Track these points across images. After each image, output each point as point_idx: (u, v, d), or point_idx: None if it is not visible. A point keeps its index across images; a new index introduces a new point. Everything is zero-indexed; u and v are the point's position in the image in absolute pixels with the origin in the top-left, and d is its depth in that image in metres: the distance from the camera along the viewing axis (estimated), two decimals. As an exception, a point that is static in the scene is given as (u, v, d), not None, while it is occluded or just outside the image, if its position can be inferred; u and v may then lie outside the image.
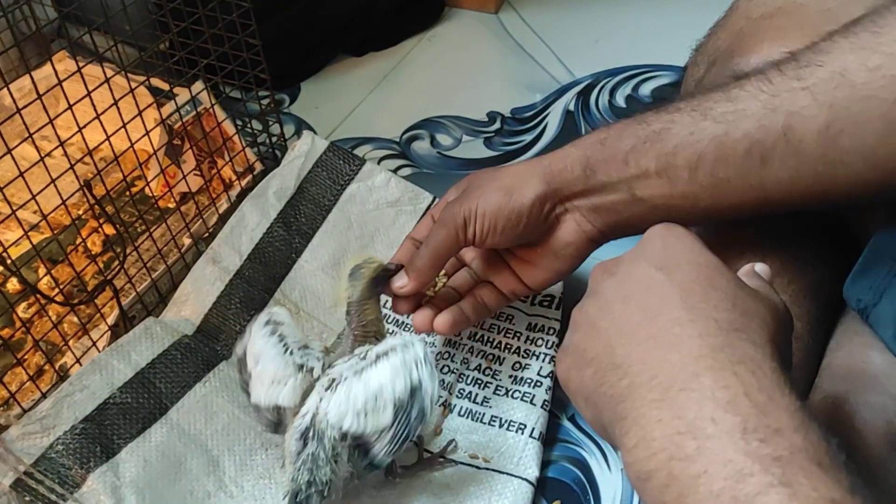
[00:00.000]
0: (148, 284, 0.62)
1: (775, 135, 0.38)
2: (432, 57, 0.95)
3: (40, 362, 0.59)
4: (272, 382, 0.47)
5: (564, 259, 0.48)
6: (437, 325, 0.49)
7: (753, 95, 0.39)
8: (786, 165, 0.38)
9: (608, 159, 0.44)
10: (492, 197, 0.46)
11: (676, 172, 0.41)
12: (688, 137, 0.41)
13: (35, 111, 0.50)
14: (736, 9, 0.56)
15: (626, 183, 0.43)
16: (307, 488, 0.44)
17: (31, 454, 0.49)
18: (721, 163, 0.40)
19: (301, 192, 0.67)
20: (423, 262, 0.48)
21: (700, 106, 0.41)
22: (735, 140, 0.39)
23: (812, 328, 0.48)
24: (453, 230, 0.47)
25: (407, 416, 0.44)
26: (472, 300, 0.51)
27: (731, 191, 0.41)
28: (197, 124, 0.68)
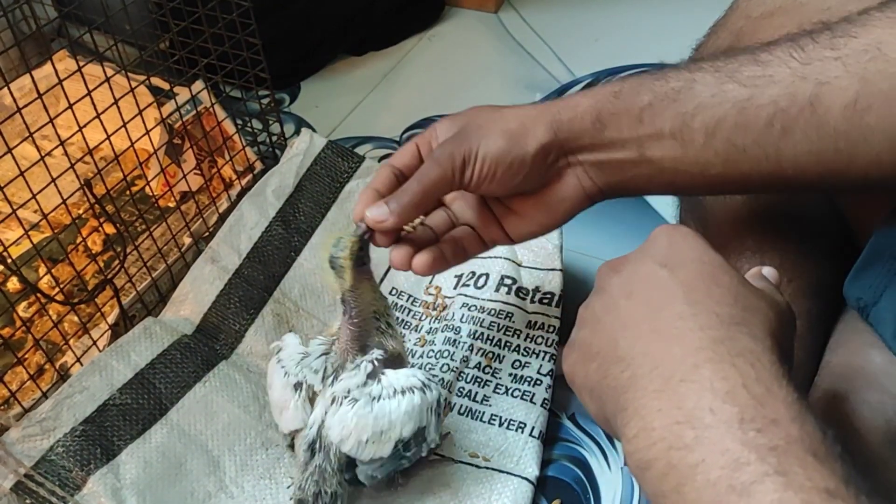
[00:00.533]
0: (148, 284, 0.62)
1: (801, 104, 0.36)
2: (432, 56, 0.95)
3: (41, 361, 0.59)
4: (279, 410, 0.48)
5: (555, 214, 0.45)
6: (416, 264, 0.45)
7: (783, 61, 0.37)
8: (807, 138, 0.37)
9: (621, 114, 0.41)
10: (494, 141, 0.42)
11: (692, 136, 0.39)
12: (709, 99, 0.39)
13: (35, 111, 0.51)
14: (736, 8, 0.56)
15: (637, 142, 0.41)
16: (314, 500, 0.46)
17: (32, 456, 0.49)
18: (741, 129, 0.38)
19: (300, 190, 0.67)
20: (410, 198, 0.43)
21: (725, 67, 0.39)
22: (759, 106, 0.37)
23: (812, 327, 0.48)
24: (449, 171, 0.43)
25: (405, 449, 0.46)
26: (452, 243, 0.47)
27: (744, 160, 0.39)
28: (197, 123, 0.68)
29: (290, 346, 0.49)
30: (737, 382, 0.28)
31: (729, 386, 0.28)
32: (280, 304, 0.62)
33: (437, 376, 0.58)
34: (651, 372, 0.30)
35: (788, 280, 0.48)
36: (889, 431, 0.42)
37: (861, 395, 0.43)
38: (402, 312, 0.63)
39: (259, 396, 0.55)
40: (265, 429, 0.54)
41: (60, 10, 0.74)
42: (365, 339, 0.47)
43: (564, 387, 0.59)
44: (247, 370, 0.58)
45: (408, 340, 0.61)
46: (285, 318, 0.62)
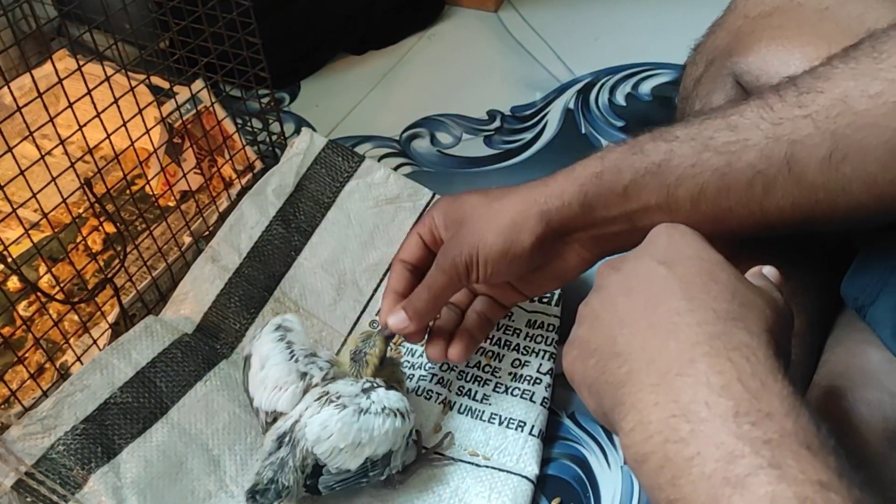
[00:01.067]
0: (148, 283, 0.62)
1: (778, 164, 0.38)
2: (432, 55, 0.95)
3: (41, 360, 0.59)
4: (274, 388, 0.48)
5: (564, 278, 0.49)
6: (452, 355, 0.51)
7: (755, 124, 0.39)
8: (788, 194, 0.39)
9: (607, 194, 0.43)
10: (491, 242, 0.46)
11: (678, 204, 0.41)
12: (689, 170, 0.41)
13: (35, 110, 0.50)
14: (734, 8, 0.56)
15: (627, 215, 0.44)
16: (267, 483, 0.46)
17: (33, 455, 0.49)
18: (723, 194, 0.40)
19: (300, 189, 0.67)
20: (423, 305, 0.48)
21: (700, 135, 0.41)
22: (738, 171, 0.39)
23: (810, 325, 0.48)
24: (455, 277, 0.47)
25: (371, 468, 0.47)
26: (476, 319, 0.52)
27: (732, 219, 0.41)
28: (197, 123, 0.68)
29: (299, 332, 0.50)
30: (732, 376, 0.28)
31: (724, 380, 0.28)
32: (280, 304, 0.62)
33: (437, 375, 0.58)
34: (648, 366, 0.30)
35: (787, 279, 0.48)
36: (887, 429, 0.42)
37: (859, 394, 0.44)
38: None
39: (259, 395, 0.55)
40: (263, 431, 0.54)
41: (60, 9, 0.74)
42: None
43: (564, 385, 0.59)
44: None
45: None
46: (285, 317, 0.62)
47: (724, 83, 0.53)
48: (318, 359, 0.49)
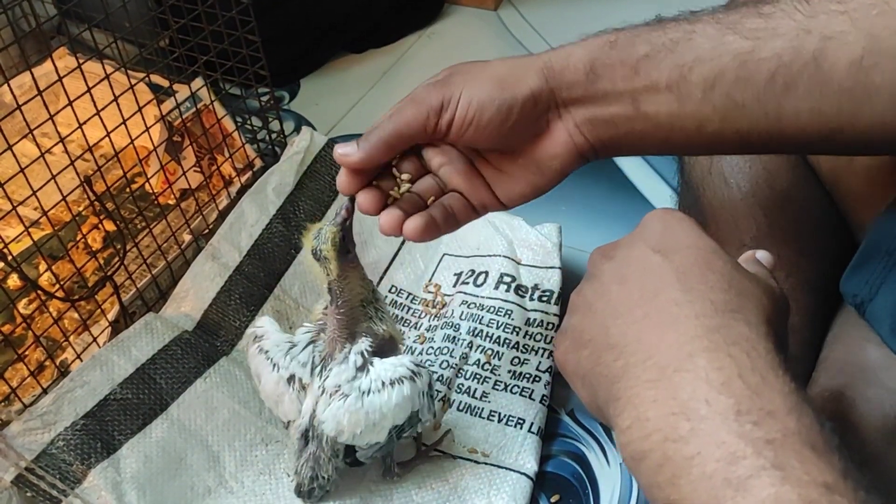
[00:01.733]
0: (148, 280, 0.62)
1: (805, 59, 0.35)
2: (432, 54, 0.95)
3: (41, 358, 0.59)
4: (275, 403, 0.49)
5: (546, 173, 0.42)
6: (407, 229, 0.41)
7: (788, 14, 0.35)
8: (809, 95, 0.35)
9: (616, 65, 0.39)
10: (480, 85, 0.39)
11: (689, 89, 0.37)
12: (709, 51, 0.37)
13: (35, 108, 0.51)
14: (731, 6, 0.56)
15: (632, 94, 0.39)
16: (310, 482, 0.47)
17: (33, 450, 0.49)
18: (741, 84, 0.36)
19: (300, 187, 0.67)
20: (379, 135, 0.40)
21: (726, 18, 0.37)
22: (761, 59, 0.35)
23: (809, 322, 0.48)
24: (424, 111, 0.40)
25: (401, 432, 0.47)
26: (442, 209, 0.43)
27: (743, 117, 0.37)
28: (197, 121, 0.68)
29: (271, 333, 0.49)
30: (732, 373, 0.27)
31: (724, 376, 0.27)
32: (280, 301, 0.62)
33: (437, 373, 0.58)
34: (645, 361, 0.29)
35: (786, 275, 0.48)
36: (886, 426, 0.42)
37: (858, 390, 0.44)
38: (401, 310, 0.63)
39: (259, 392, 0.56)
40: (265, 425, 0.54)
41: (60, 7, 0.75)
42: (353, 326, 0.47)
43: (564, 383, 0.59)
44: (247, 367, 0.58)
45: (407, 338, 0.61)
46: (285, 314, 0.62)
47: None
48: (297, 349, 0.48)
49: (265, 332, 0.49)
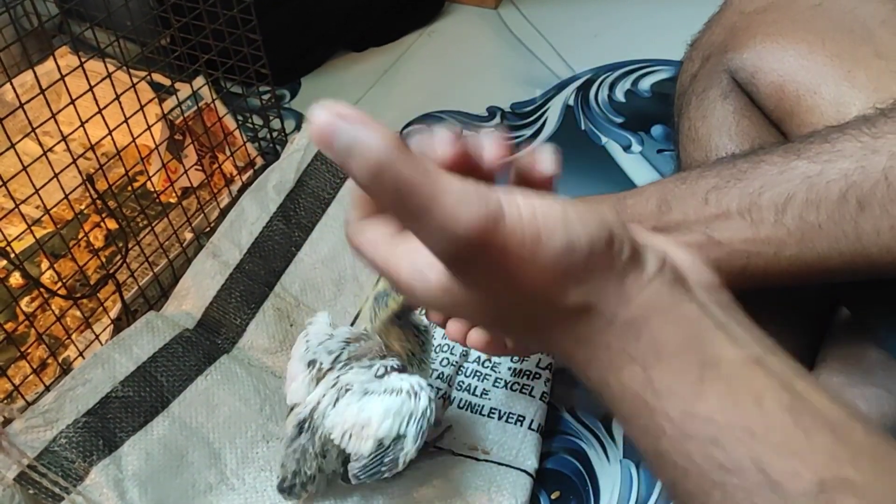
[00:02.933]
0: (150, 278, 0.62)
1: (875, 178, 0.35)
2: (432, 52, 0.95)
3: (43, 356, 0.59)
4: (289, 380, 0.49)
5: None
6: (472, 340, 0.43)
7: (854, 137, 0.36)
8: (887, 213, 0.35)
9: (686, 196, 0.40)
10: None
11: (761, 214, 0.38)
12: (776, 176, 0.37)
13: (37, 107, 0.51)
14: (730, 4, 0.56)
15: (704, 223, 0.39)
16: (292, 478, 0.47)
17: (35, 447, 0.49)
18: (812, 205, 0.36)
19: (300, 185, 0.67)
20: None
21: (793, 147, 0.38)
22: (829, 181, 0.36)
23: (808, 321, 0.48)
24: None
25: (382, 456, 0.45)
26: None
27: (821, 238, 0.37)
28: (198, 119, 0.68)
29: (320, 324, 0.50)
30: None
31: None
32: (281, 299, 0.62)
33: (437, 370, 0.58)
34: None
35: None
36: (885, 425, 0.43)
37: (857, 390, 0.44)
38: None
39: (260, 390, 0.56)
40: (266, 422, 0.54)
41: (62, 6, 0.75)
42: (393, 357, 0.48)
43: (564, 380, 0.60)
44: (248, 364, 0.58)
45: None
46: (286, 312, 0.62)
47: (719, 79, 0.53)
48: (332, 340, 0.48)
49: (316, 322, 0.50)
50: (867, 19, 0.46)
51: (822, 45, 0.46)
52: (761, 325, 0.26)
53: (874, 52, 0.45)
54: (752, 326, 0.24)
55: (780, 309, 0.47)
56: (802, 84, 0.46)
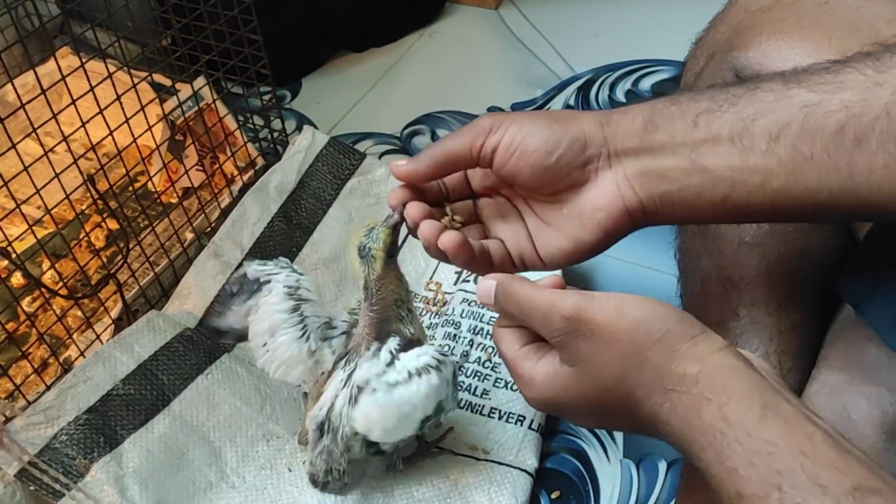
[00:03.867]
0: (151, 278, 0.62)
1: (876, 112, 0.33)
2: (433, 52, 0.95)
3: (45, 355, 0.59)
4: (282, 364, 0.48)
5: (589, 226, 0.39)
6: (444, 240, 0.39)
7: (857, 69, 0.34)
8: (884, 150, 0.33)
9: (675, 117, 0.37)
10: (533, 119, 0.39)
11: (752, 141, 0.36)
12: (773, 104, 0.35)
13: (38, 107, 0.51)
14: (735, 2, 0.56)
15: (690, 147, 0.37)
16: (325, 476, 0.47)
17: (36, 444, 0.50)
18: (808, 135, 0.35)
19: (302, 186, 0.67)
20: (429, 152, 0.40)
21: (794, 75, 0.36)
22: (828, 112, 0.34)
23: (810, 319, 0.48)
24: (473, 132, 0.39)
25: (426, 421, 0.46)
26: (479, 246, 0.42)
27: (811, 171, 0.35)
28: (199, 120, 0.69)
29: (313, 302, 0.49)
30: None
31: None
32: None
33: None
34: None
35: (787, 272, 0.48)
36: (885, 423, 0.42)
37: (859, 388, 0.44)
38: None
39: (261, 389, 0.56)
40: (266, 421, 0.55)
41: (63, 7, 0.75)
42: (384, 325, 0.47)
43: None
44: (249, 363, 0.58)
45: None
46: (286, 312, 0.62)
47: (724, 77, 0.53)
48: (333, 330, 0.48)
49: (310, 297, 0.49)
50: (873, 18, 0.46)
51: (828, 43, 0.46)
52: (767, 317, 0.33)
53: None
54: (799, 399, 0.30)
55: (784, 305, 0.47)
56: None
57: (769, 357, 0.47)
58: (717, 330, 0.50)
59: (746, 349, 0.47)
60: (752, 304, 0.48)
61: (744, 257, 0.49)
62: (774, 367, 0.47)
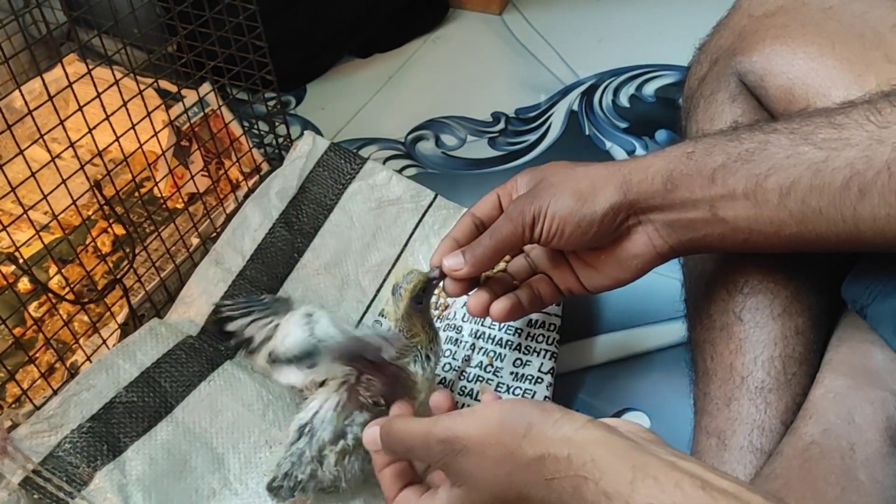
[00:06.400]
0: (157, 283, 0.63)
1: (878, 168, 0.36)
2: (437, 58, 0.95)
3: (51, 360, 0.59)
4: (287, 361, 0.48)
5: (628, 269, 0.46)
6: (494, 311, 0.48)
7: (860, 124, 0.37)
8: (885, 202, 0.37)
9: (693, 174, 0.41)
10: (564, 200, 0.44)
11: (766, 196, 0.39)
12: (784, 161, 0.39)
13: (45, 114, 0.51)
14: (738, 7, 0.56)
15: (709, 202, 0.41)
16: (282, 479, 0.47)
17: (40, 453, 0.50)
18: (816, 191, 0.38)
19: (303, 191, 0.67)
20: (483, 252, 0.46)
21: (800, 129, 0.39)
22: (835, 169, 0.37)
23: (814, 324, 0.48)
24: (520, 227, 0.45)
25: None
26: (529, 291, 0.50)
27: (820, 221, 0.39)
28: (204, 125, 0.69)
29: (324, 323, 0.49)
30: None
31: None
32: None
33: (440, 375, 0.58)
34: None
35: (791, 277, 0.48)
36: (890, 427, 0.42)
37: (863, 392, 0.43)
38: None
39: (263, 396, 0.56)
40: (269, 427, 0.55)
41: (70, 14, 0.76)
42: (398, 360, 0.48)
43: (565, 385, 0.59)
44: (251, 370, 0.58)
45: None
46: (290, 317, 0.62)
47: (727, 82, 0.53)
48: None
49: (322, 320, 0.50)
50: (877, 24, 0.46)
51: (832, 48, 0.46)
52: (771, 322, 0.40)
53: (884, 57, 0.45)
54: (666, 445, 0.32)
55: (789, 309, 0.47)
56: (812, 87, 0.46)
57: (773, 362, 0.47)
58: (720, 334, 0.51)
59: (750, 354, 0.47)
60: (756, 308, 0.48)
61: (748, 262, 0.49)
62: (779, 372, 0.47)
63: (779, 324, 0.47)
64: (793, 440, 0.43)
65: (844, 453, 0.41)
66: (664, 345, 0.62)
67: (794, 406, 0.46)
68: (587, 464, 0.31)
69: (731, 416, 0.46)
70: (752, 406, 0.46)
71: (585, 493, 0.30)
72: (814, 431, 0.43)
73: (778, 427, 0.45)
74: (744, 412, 0.46)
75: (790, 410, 0.46)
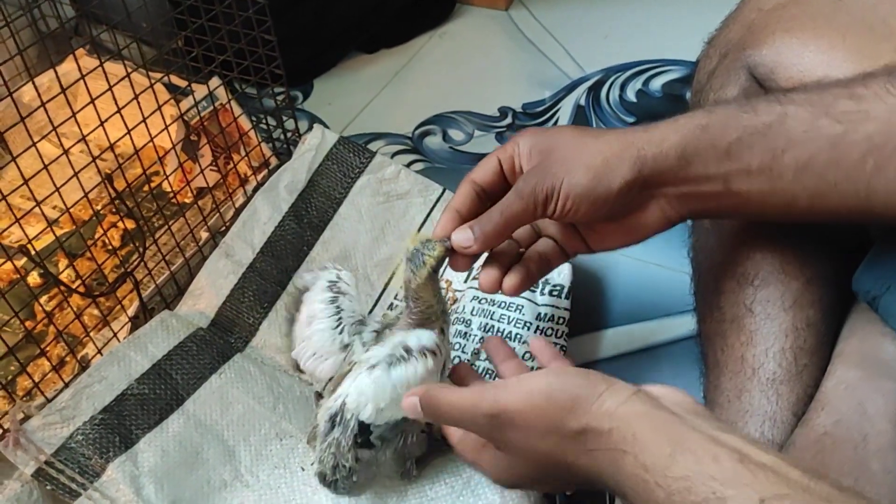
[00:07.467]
0: (167, 277, 0.63)
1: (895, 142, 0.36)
2: (444, 53, 0.95)
3: (62, 353, 0.60)
4: (314, 355, 0.49)
5: (637, 235, 0.46)
6: (506, 287, 0.47)
7: (879, 97, 0.37)
8: None
9: (708, 149, 0.41)
10: (577, 178, 0.42)
11: (781, 171, 0.39)
12: (801, 135, 0.38)
13: (54, 108, 0.52)
14: (748, 1, 0.55)
15: (724, 176, 0.41)
16: (332, 473, 0.47)
17: (52, 444, 0.50)
18: (832, 166, 0.38)
19: (312, 185, 0.68)
20: (494, 228, 0.45)
21: (819, 101, 0.38)
22: (852, 143, 0.37)
23: (825, 315, 0.48)
24: (531, 205, 0.43)
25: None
26: (537, 257, 0.48)
27: (834, 195, 0.38)
28: (214, 120, 0.69)
29: (351, 296, 0.49)
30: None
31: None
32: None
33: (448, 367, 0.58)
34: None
35: (802, 268, 0.48)
36: (903, 420, 0.42)
37: (874, 383, 0.43)
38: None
39: (273, 388, 0.56)
40: (279, 420, 0.55)
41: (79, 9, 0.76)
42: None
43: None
44: (261, 362, 0.59)
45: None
46: (299, 311, 0.62)
47: (737, 76, 0.53)
48: (366, 328, 0.49)
49: (349, 290, 0.50)
50: (887, 16, 0.46)
51: (842, 40, 0.46)
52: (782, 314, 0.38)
53: (895, 49, 0.44)
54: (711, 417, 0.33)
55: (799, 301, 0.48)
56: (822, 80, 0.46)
57: (785, 353, 0.47)
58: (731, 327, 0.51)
59: (761, 346, 0.47)
60: (767, 300, 0.48)
61: (759, 254, 0.49)
62: (790, 364, 0.47)
63: (790, 315, 0.47)
64: (805, 431, 0.43)
65: (857, 444, 0.41)
66: (673, 338, 0.62)
67: (806, 397, 0.46)
68: (628, 438, 0.31)
69: (742, 408, 0.46)
70: (763, 398, 0.46)
71: (624, 466, 0.31)
72: (826, 422, 0.43)
73: (789, 419, 0.45)
74: (755, 404, 0.46)
75: (801, 402, 0.45)
